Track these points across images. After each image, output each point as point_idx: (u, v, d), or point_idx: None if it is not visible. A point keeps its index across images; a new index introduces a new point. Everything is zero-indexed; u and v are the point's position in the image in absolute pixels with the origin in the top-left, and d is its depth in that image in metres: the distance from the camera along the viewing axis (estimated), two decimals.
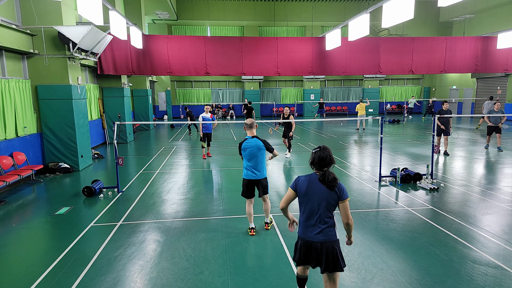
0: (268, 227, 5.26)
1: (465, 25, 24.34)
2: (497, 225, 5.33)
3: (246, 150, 4.95)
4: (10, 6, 8.29)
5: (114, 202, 6.75)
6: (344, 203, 2.91)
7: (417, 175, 7.71)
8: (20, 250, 4.82)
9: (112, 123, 8.12)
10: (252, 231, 5.11)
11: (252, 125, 5.00)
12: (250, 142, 4.94)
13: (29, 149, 8.76)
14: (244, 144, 4.96)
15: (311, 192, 2.96)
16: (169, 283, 3.87)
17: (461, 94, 26.33)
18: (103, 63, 12.23)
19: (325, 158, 2.93)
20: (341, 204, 2.91)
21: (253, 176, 5.01)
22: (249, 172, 5.02)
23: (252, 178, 5.02)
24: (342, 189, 2.92)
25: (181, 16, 25.07)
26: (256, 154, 4.94)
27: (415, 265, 4.16)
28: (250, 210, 5.13)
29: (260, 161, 5.01)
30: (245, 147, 4.95)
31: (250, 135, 5.01)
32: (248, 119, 5.05)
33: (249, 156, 4.96)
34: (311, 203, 2.97)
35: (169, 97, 26.69)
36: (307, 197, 2.99)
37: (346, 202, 2.91)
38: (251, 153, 4.93)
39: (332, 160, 2.96)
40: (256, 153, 4.93)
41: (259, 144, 4.92)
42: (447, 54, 13.88)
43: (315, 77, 27.67)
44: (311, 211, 2.98)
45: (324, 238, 2.93)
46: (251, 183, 5.06)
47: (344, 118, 23.47)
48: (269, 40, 13.36)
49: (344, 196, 2.90)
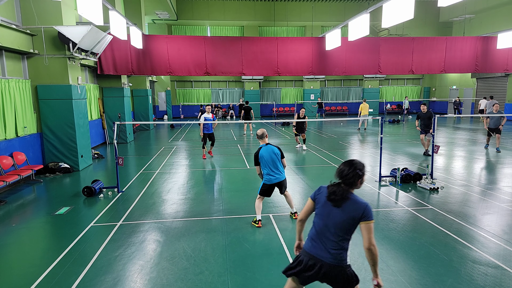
0: (296, 216, 5.61)
1: (465, 25, 24.35)
2: (497, 225, 5.33)
3: (263, 158, 5.27)
4: (10, 6, 8.29)
5: (114, 202, 6.75)
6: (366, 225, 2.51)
7: (417, 175, 7.71)
8: (20, 250, 4.82)
9: (112, 123, 8.12)
10: (259, 223, 5.39)
11: (263, 135, 5.41)
12: (265, 150, 5.29)
13: (29, 149, 8.76)
14: (261, 153, 5.30)
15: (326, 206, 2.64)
16: (169, 283, 3.87)
17: (461, 94, 26.34)
18: (103, 63, 12.22)
19: (342, 171, 2.61)
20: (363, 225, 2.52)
21: (279, 178, 5.33)
22: (272, 177, 5.31)
23: (278, 181, 5.34)
24: (363, 208, 2.52)
25: (181, 16, 25.07)
26: (274, 159, 5.29)
27: (415, 265, 4.15)
28: (260, 205, 5.46)
29: (280, 164, 5.36)
30: (262, 156, 5.29)
31: (263, 143, 5.39)
32: (259, 130, 5.45)
33: (268, 163, 5.27)
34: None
35: (169, 97, 26.69)
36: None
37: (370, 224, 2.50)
38: (270, 159, 5.26)
39: (353, 179, 2.56)
40: (274, 158, 5.29)
41: (274, 150, 5.31)
42: (447, 54, 13.88)
43: (315, 77, 27.67)
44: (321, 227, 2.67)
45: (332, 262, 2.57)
46: (274, 185, 5.39)
47: (344, 118, 23.45)
48: (269, 40, 13.36)
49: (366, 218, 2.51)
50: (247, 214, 5.96)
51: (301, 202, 6.63)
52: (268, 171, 5.31)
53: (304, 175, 8.54)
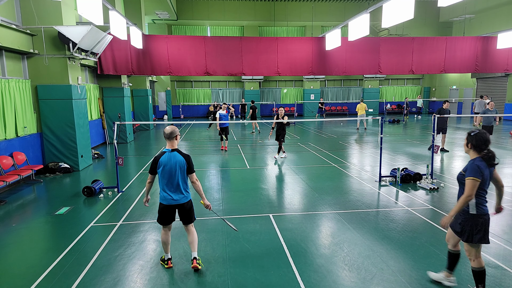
0: (195, 263, 4.06)
1: (465, 25, 24.35)
2: (497, 225, 5.32)
3: (163, 167, 4.08)
4: (10, 6, 8.29)
5: (114, 202, 6.75)
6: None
7: (417, 175, 7.71)
8: (20, 250, 4.82)
9: (112, 123, 8.12)
10: (169, 263, 4.18)
11: (171, 135, 4.04)
12: (168, 157, 4.05)
13: (29, 149, 8.76)
14: (161, 159, 4.08)
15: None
16: (169, 283, 3.87)
17: (461, 94, 26.34)
18: (103, 63, 12.22)
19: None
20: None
21: (177, 200, 4.12)
22: (167, 195, 4.16)
23: (175, 203, 4.12)
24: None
25: (181, 16, 25.07)
26: (176, 172, 4.07)
27: (415, 265, 4.15)
28: (165, 237, 4.26)
29: (182, 181, 4.14)
30: (161, 163, 4.08)
31: (169, 147, 4.09)
32: (168, 127, 4.06)
33: (166, 175, 4.10)
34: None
35: (169, 97, 26.69)
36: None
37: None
38: (169, 171, 4.08)
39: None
40: (176, 171, 4.07)
41: (179, 161, 4.03)
42: (447, 54, 13.88)
43: (315, 77, 27.67)
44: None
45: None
46: (173, 208, 4.19)
47: (344, 118, 23.45)
48: (269, 40, 13.36)
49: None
50: (247, 214, 5.96)
51: (301, 202, 6.63)
52: (164, 186, 4.03)
53: (304, 175, 8.54)
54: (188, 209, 4.15)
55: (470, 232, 3.30)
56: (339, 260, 4.32)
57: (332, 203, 6.47)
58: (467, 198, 3.20)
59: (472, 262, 3.44)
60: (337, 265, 4.20)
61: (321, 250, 4.60)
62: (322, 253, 4.53)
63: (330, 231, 5.28)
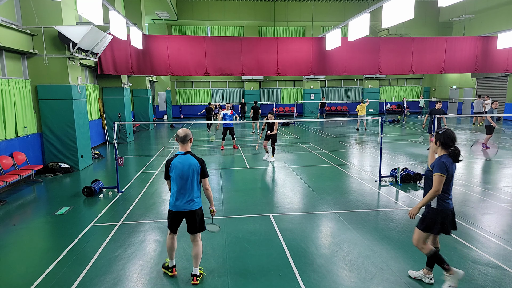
0: (195, 280, 3.87)
1: (465, 25, 24.35)
2: (497, 225, 5.33)
3: (175, 170, 3.83)
4: (10, 6, 8.29)
5: (114, 202, 6.75)
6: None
7: (417, 175, 7.71)
8: (20, 250, 4.82)
9: (112, 123, 8.12)
10: (173, 270, 4.03)
11: (185, 138, 3.85)
12: (180, 160, 3.83)
13: (29, 149, 8.76)
14: (173, 162, 3.83)
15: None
16: (169, 283, 3.87)
17: (461, 94, 26.34)
18: (103, 63, 12.22)
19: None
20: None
21: (188, 207, 3.94)
22: (178, 201, 3.92)
23: (186, 209, 3.93)
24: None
25: (181, 16, 25.07)
26: (189, 176, 3.85)
27: (415, 265, 4.15)
28: (170, 243, 4.07)
29: (196, 184, 3.97)
30: (174, 166, 3.84)
31: (183, 150, 3.90)
32: (181, 130, 3.85)
33: (179, 179, 3.84)
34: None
35: (169, 97, 26.69)
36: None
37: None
38: (182, 175, 3.83)
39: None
40: (189, 174, 3.86)
41: (193, 164, 3.83)
42: (447, 54, 13.87)
43: (315, 77, 27.67)
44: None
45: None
46: (182, 215, 3.99)
47: (344, 118, 23.45)
48: (269, 40, 13.36)
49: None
50: (247, 214, 5.96)
51: (301, 202, 6.63)
52: (175, 191, 3.81)
53: (304, 175, 8.54)
54: (199, 217, 3.92)
55: (429, 223, 3.55)
56: (339, 260, 4.32)
57: (332, 203, 6.47)
58: (435, 193, 3.40)
59: (422, 250, 3.65)
60: (337, 265, 4.20)
61: (321, 250, 4.60)
62: (322, 253, 4.53)
63: (330, 231, 5.28)
